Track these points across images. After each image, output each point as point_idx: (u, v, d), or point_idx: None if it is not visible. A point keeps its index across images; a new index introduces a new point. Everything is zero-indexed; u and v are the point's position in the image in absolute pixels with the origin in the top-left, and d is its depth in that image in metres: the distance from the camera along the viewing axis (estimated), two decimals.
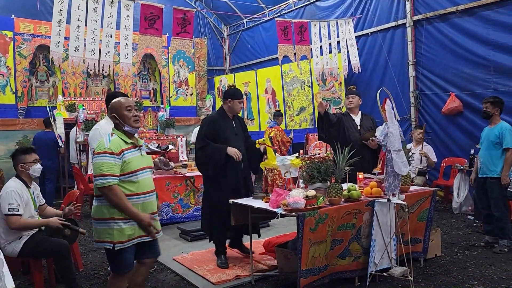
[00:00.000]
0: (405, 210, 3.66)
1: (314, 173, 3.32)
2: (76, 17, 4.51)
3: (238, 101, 4.08)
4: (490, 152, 4.43)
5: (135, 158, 2.72)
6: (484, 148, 4.51)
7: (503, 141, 4.37)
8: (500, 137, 4.38)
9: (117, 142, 2.68)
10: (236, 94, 4.09)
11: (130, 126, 2.75)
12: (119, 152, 2.64)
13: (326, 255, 3.36)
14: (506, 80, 5.98)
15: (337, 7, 8.51)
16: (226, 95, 4.13)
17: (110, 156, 2.60)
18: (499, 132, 4.39)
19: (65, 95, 9.04)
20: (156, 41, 4.94)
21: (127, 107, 2.77)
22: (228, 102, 4.09)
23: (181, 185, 5.95)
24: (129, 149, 2.70)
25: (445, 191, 6.80)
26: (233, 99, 4.07)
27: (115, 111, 2.76)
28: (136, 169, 2.70)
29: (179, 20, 5.04)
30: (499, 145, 4.40)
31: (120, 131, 2.77)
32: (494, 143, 4.41)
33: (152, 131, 8.64)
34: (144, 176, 2.77)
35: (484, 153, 4.49)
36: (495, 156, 4.41)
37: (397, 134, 3.31)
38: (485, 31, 6.18)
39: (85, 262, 4.45)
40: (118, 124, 2.77)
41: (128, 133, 2.78)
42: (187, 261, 4.25)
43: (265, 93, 9.79)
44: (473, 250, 4.43)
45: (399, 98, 7.32)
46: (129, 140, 2.75)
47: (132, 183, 2.68)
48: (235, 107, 4.09)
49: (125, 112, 2.75)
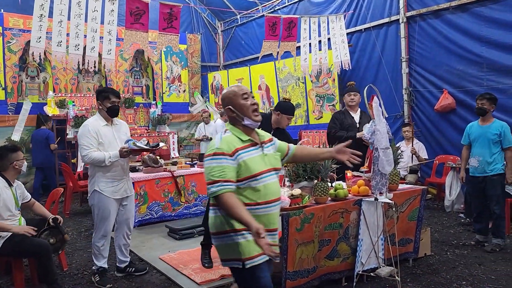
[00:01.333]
0: (394, 209, 3.61)
1: (300, 171, 3.25)
2: (59, 11, 4.42)
3: (287, 117, 3.85)
4: (490, 150, 4.35)
5: (255, 158, 2.20)
6: (482, 146, 4.40)
7: (504, 139, 4.32)
8: (501, 135, 4.32)
9: (230, 140, 2.19)
10: (289, 110, 3.86)
11: (250, 118, 2.23)
12: (232, 152, 2.14)
13: (314, 257, 3.30)
14: (499, 77, 5.92)
15: (331, 3, 8.43)
16: (277, 107, 3.89)
17: (221, 158, 2.11)
18: (500, 130, 4.33)
19: (55, 91, 8.95)
20: (142, 36, 4.85)
21: (243, 94, 2.26)
22: (277, 114, 3.85)
23: (171, 183, 5.87)
24: (246, 148, 2.20)
25: (438, 189, 6.76)
26: (283, 113, 3.83)
27: (230, 102, 2.26)
28: (257, 172, 2.17)
29: (165, 15, 4.94)
30: (499, 143, 4.35)
31: (237, 126, 2.26)
32: (494, 141, 4.34)
33: (144, 127, 8.55)
34: (269, 180, 2.22)
35: (482, 151, 4.38)
36: (496, 154, 4.35)
37: (385, 132, 3.25)
38: (478, 27, 6.11)
39: (70, 261, 4.37)
40: (234, 118, 2.26)
41: (246, 128, 2.26)
42: (174, 260, 4.19)
43: (259, 90, 9.72)
44: (463, 249, 4.38)
45: (392, 95, 7.27)
46: (247, 136, 2.24)
47: (252, 190, 2.17)
48: (282, 121, 3.87)
49: (241, 101, 2.24)
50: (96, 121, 3.64)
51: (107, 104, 3.63)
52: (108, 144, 3.61)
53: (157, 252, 4.50)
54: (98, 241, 3.69)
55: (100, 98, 3.65)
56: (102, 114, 3.68)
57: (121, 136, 3.78)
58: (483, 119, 4.46)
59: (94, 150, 3.52)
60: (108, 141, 3.62)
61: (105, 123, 3.65)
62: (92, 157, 3.50)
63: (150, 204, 5.67)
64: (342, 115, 4.61)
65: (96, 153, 3.52)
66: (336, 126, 4.54)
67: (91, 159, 3.51)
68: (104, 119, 3.67)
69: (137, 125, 8.65)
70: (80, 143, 3.55)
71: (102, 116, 3.67)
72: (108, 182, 3.62)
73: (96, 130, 3.56)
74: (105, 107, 3.64)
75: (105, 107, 3.64)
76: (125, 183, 3.77)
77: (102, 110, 3.66)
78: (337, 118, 4.60)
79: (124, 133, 3.84)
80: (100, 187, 3.60)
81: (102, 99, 3.64)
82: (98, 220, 3.67)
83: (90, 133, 3.53)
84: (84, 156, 3.53)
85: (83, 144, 3.53)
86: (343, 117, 4.56)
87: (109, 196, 3.62)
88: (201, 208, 6.08)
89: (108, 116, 3.68)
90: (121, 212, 3.79)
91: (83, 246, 4.97)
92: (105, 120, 3.66)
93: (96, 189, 3.60)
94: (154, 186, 5.73)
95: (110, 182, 3.63)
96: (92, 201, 3.66)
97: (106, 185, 3.61)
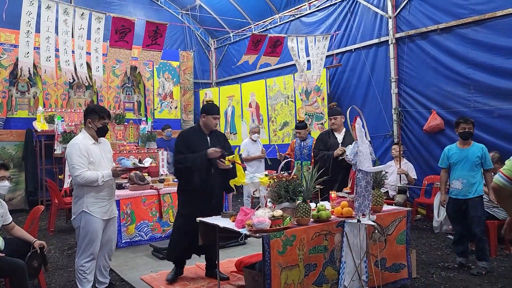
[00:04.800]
0: (377, 231, 3.56)
1: (282, 192, 3.21)
2: (46, 28, 4.42)
3: (212, 117, 3.99)
4: (472, 173, 4.37)
5: None
6: (465, 169, 4.41)
7: (485, 161, 4.36)
8: (482, 157, 4.35)
9: None
10: (211, 110, 4.01)
11: None
12: None
13: (301, 283, 3.21)
14: (486, 99, 5.97)
15: (322, 23, 8.53)
16: (201, 110, 4.07)
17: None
18: (481, 153, 4.36)
19: (45, 106, 8.90)
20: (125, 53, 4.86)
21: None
22: (203, 117, 4.02)
23: (157, 201, 5.79)
24: None
25: (427, 209, 6.73)
26: (207, 114, 3.99)
27: None
28: None
29: (150, 33, 4.97)
30: (480, 165, 4.38)
31: None
32: (476, 164, 4.37)
33: (133, 144, 8.49)
34: None
35: (465, 174, 4.39)
36: (478, 176, 4.38)
37: (367, 153, 3.23)
38: (464, 49, 6.19)
39: (49, 281, 4.27)
40: None
41: None
42: (155, 281, 4.10)
43: (249, 107, 9.73)
44: (449, 271, 4.34)
45: (382, 114, 7.30)
46: None
47: None
48: (209, 123, 4.01)
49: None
50: (84, 139, 3.57)
51: (98, 124, 3.60)
52: (98, 163, 3.56)
53: (139, 272, 4.41)
54: (84, 264, 3.56)
55: (92, 116, 3.60)
56: (90, 132, 3.62)
57: (108, 155, 3.74)
58: (464, 142, 4.47)
59: (86, 169, 3.46)
60: (98, 160, 3.57)
61: (93, 142, 3.61)
62: (85, 177, 3.43)
63: (138, 224, 5.57)
64: (326, 136, 4.65)
65: (89, 172, 3.45)
66: (320, 147, 4.59)
67: (85, 179, 3.43)
68: (91, 137, 3.62)
69: (126, 141, 8.59)
70: (72, 162, 3.46)
71: (89, 135, 3.62)
72: (98, 202, 3.55)
73: (86, 148, 3.50)
74: (95, 126, 3.60)
75: (95, 127, 3.60)
76: (112, 203, 3.72)
77: (92, 129, 3.61)
78: (321, 139, 4.65)
79: (109, 152, 3.81)
80: (89, 207, 3.51)
81: (95, 118, 3.60)
82: (85, 242, 3.54)
83: (81, 151, 3.47)
84: (77, 176, 3.43)
85: (75, 164, 3.44)
86: (327, 138, 4.60)
87: (98, 217, 3.54)
88: None
89: (95, 135, 3.64)
90: (105, 233, 3.70)
91: (64, 265, 4.87)
92: (93, 139, 3.62)
93: (84, 210, 3.50)
94: (140, 205, 5.65)
95: (99, 202, 3.56)
96: (79, 223, 3.54)
97: (95, 205, 3.53)
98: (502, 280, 4.02)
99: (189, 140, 3.98)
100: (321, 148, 4.56)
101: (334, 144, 4.51)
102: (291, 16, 9.26)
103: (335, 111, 4.67)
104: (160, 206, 5.77)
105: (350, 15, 7.90)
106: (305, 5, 8.88)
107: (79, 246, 3.59)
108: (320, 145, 4.58)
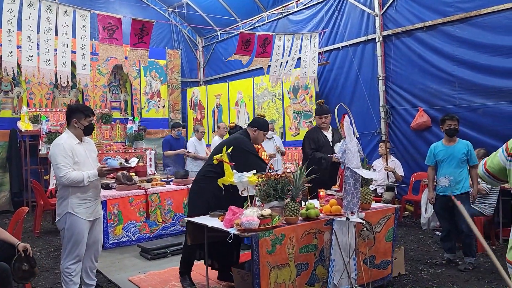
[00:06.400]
0: (366, 229, 3.57)
1: (270, 191, 3.19)
2: (28, 26, 4.31)
3: (263, 133, 3.93)
4: (459, 170, 4.41)
5: None
6: (452, 166, 4.45)
7: (470, 158, 4.41)
8: (468, 154, 4.40)
9: None
10: (265, 126, 3.94)
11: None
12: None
13: (293, 282, 3.19)
14: (471, 96, 6.03)
15: (309, 21, 8.53)
16: (253, 123, 3.95)
17: None
18: (467, 149, 4.41)
19: (29, 106, 8.75)
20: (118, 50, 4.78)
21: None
22: (254, 131, 3.90)
23: (145, 201, 5.73)
24: None
25: (415, 206, 6.78)
26: (259, 129, 3.89)
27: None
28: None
29: (136, 31, 4.90)
30: (466, 162, 4.43)
31: None
32: (462, 160, 4.41)
33: (120, 143, 8.38)
34: None
35: (452, 171, 4.43)
36: (464, 173, 4.42)
37: (356, 151, 3.23)
38: (450, 47, 6.25)
39: (35, 283, 4.19)
40: None
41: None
42: (143, 282, 4.05)
43: (236, 106, 9.69)
44: (437, 268, 4.37)
45: (369, 112, 7.33)
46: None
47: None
48: (259, 138, 3.94)
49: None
50: (69, 139, 3.50)
51: (85, 122, 3.54)
52: (83, 163, 3.50)
53: (127, 274, 4.36)
54: (70, 266, 3.49)
55: (78, 116, 3.53)
56: (75, 132, 3.55)
57: (92, 155, 3.68)
58: (450, 140, 4.51)
59: (71, 170, 3.39)
60: (83, 160, 3.50)
61: (77, 141, 3.54)
62: (70, 177, 3.36)
63: (125, 225, 5.51)
64: (315, 134, 4.62)
65: (74, 173, 3.39)
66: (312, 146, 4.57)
67: (70, 180, 3.36)
68: (76, 136, 3.55)
69: (113, 141, 8.48)
70: (56, 162, 3.39)
71: (74, 134, 3.55)
72: (83, 203, 3.49)
73: (71, 148, 3.43)
74: (82, 125, 3.54)
75: (82, 125, 3.54)
76: (97, 203, 3.66)
77: (78, 128, 3.55)
78: (312, 138, 4.61)
79: (94, 151, 3.75)
80: (74, 209, 3.44)
81: (80, 117, 3.53)
82: (70, 244, 3.48)
83: (66, 151, 3.39)
84: (62, 176, 3.36)
85: (60, 164, 3.37)
86: (317, 137, 4.58)
87: (83, 218, 3.48)
88: (179, 228, 5.93)
89: (81, 134, 3.57)
90: (91, 234, 3.64)
91: (50, 267, 4.79)
92: (77, 138, 3.56)
93: (69, 211, 3.44)
94: (128, 205, 5.58)
95: (85, 203, 3.50)
96: (63, 224, 3.47)
97: (80, 206, 3.47)
98: (489, 276, 4.06)
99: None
100: (313, 147, 4.55)
101: (325, 143, 4.51)
102: (278, 14, 9.24)
103: (326, 110, 4.66)
104: (148, 206, 5.71)
105: (337, 13, 7.92)
106: (293, 3, 8.87)
107: (65, 248, 3.53)
108: (311, 144, 4.57)
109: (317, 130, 4.66)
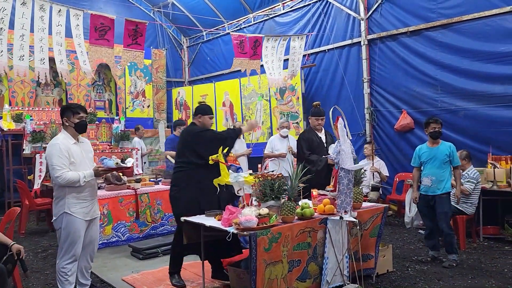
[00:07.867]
0: (358, 227, 3.69)
1: (267, 191, 3.28)
2: (20, 25, 4.26)
3: (208, 117, 4.02)
4: (441, 171, 4.58)
5: None
6: (434, 167, 4.62)
7: (453, 159, 4.58)
8: (450, 155, 4.57)
9: None
10: (208, 110, 4.04)
11: None
12: None
13: (284, 278, 3.28)
14: (452, 99, 6.26)
15: (295, 23, 8.65)
16: (196, 111, 4.06)
17: None
18: (449, 151, 4.58)
19: (12, 104, 8.58)
20: (107, 52, 4.77)
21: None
22: (199, 117, 4.01)
23: (135, 201, 5.73)
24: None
25: (398, 206, 6.97)
26: (203, 114, 4.00)
27: None
28: None
29: (130, 31, 4.90)
30: (449, 163, 4.59)
31: None
32: (444, 162, 4.58)
33: (106, 143, 8.32)
34: None
35: (435, 172, 4.60)
36: (446, 173, 4.59)
37: (349, 152, 3.35)
38: (433, 52, 6.46)
39: (26, 284, 4.15)
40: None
41: None
42: (137, 282, 4.08)
43: (223, 106, 9.74)
44: (423, 265, 4.54)
45: (354, 114, 7.49)
46: None
47: None
48: (206, 122, 4.02)
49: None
50: (65, 139, 3.50)
51: (74, 120, 3.53)
52: (79, 163, 3.50)
53: (120, 273, 4.37)
54: (66, 266, 3.49)
55: (67, 114, 3.54)
56: (69, 131, 3.55)
57: (89, 155, 3.69)
58: (434, 142, 4.69)
59: (67, 170, 3.39)
60: (79, 160, 3.50)
61: (74, 141, 3.54)
62: (66, 178, 3.36)
63: (115, 225, 5.49)
64: (310, 135, 4.72)
65: (70, 173, 3.39)
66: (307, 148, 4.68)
67: (66, 180, 3.36)
68: (72, 136, 3.56)
69: (99, 140, 8.41)
70: (52, 163, 3.38)
71: (69, 134, 3.55)
72: (80, 203, 3.49)
73: (67, 149, 3.43)
74: (72, 123, 3.53)
75: (72, 123, 3.53)
76: (94, 203, 3.67)
77: (69, 126, 3.54)
78: (306, 139, 4.70)
79: (90, 151, 3.75)
80: (71, 209, 3.44)
81: (69, 115, 3.53)
82: (67, 244, 3.48)
83: (62, 152, 3.39)
84: (58, 177, 3.36)
85: (56, 165, 3.37)
86: (311, 138, 4.68)
87: (80, 218, 3.48)
88: (168, 227, 5.95)
89: (75, 133, 3.57)
90: (87, 234, 3.64)
91: (40, 267, 4.75)
92: (73, 138, 3.56)
93: (66, 211, 3.44)
94: (117, 205, 5.57)
95: (81, 203, 3.50)
96: (60, 224, 3.47)
97: (77, 206, 3.47)
98: (472, 272, 4.25)
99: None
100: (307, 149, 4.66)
101: (320, 144, 4.62)
102: (265, 16, 9.34)
103: (322, 112, 4.77)
104: (137, 206, 5.71)
105: (323, 16, 8.06)
106: (279, 5, 8.98)
107: (61, 247, 3.53)
108: (306, 145, 4.67)
109: (311, 131, 4.77)
